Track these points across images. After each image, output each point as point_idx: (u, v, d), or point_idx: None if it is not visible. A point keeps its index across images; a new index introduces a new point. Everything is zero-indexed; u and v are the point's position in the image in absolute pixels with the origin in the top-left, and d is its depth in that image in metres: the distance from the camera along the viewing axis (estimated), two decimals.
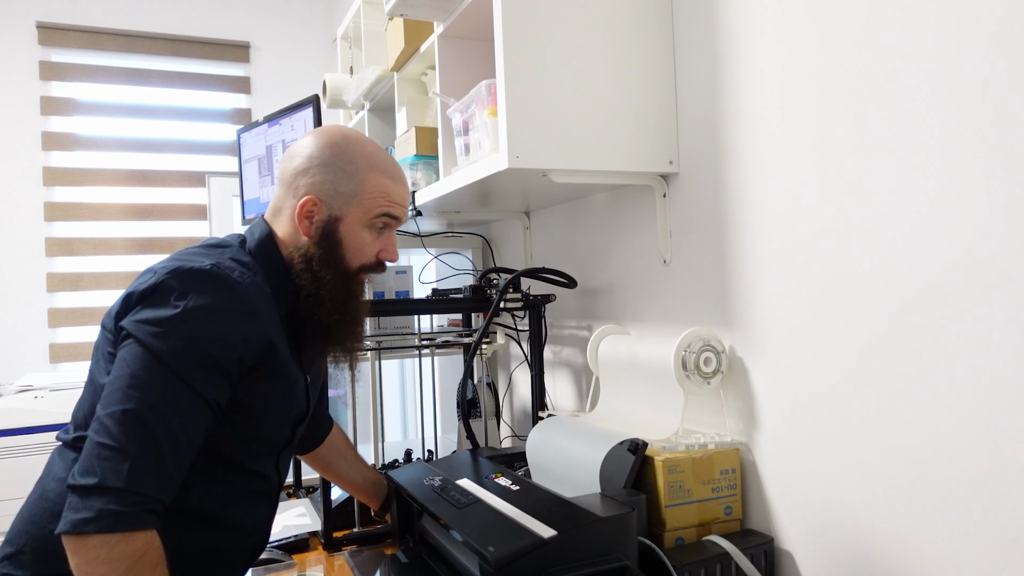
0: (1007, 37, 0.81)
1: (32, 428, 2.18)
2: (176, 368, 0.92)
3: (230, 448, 1.04)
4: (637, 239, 1.49)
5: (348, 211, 1.09)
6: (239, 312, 0.98)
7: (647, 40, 1.32)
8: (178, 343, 0.93)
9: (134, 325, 0.94)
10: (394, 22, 1.81)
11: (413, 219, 1.77)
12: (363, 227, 1.11)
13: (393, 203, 1.12)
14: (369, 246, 1.12)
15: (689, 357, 1.19)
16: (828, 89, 1.04)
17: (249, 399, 1.02)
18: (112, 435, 0.88)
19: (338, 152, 1.10)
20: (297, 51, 3.92)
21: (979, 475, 0.86)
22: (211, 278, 0.97)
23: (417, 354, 1.77)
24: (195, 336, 0.94)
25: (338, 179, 1.09)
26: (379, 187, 1.10)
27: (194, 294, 0.96)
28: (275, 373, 1.05)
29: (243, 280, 1.01)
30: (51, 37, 3.48)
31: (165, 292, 0.96)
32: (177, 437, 0.92)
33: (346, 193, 1.09)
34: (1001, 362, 0.83)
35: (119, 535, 0.86)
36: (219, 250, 1.06)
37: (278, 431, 1.11)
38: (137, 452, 0.88)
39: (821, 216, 1.06)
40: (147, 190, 3.61)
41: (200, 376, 0.94)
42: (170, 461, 0.91)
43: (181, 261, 0.99)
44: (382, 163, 1.12)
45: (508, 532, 0.93)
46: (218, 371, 0.96)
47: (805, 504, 1.10)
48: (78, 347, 3.46)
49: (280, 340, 1.05)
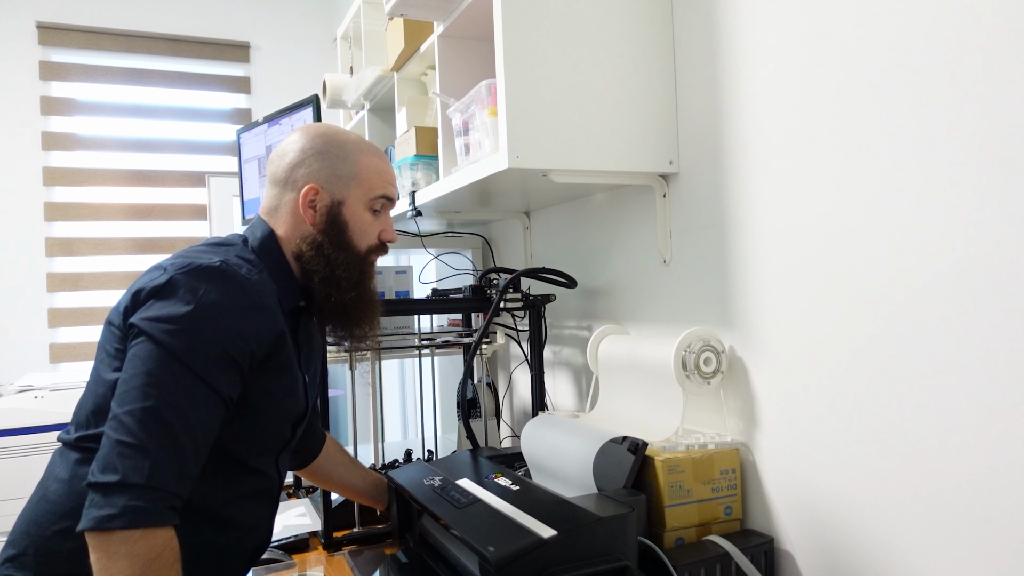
0: (1006, 37, 0.81)
1: (32, 428, 2.18)
2: (193, 365, 0.93)
3: (235, 445, 1.05)
4: (637, 239, 1.49)
5: (349, 193, 1.13)
6: (250, 306, 1.00)
7: (647, 40, 1.32)
8: (193, 340, 0.94)
9: (146, 323, 0.95)
10: (394, 22, 1.81)
11: (413, 219, 1.77)
12: (364, 208, 1.14)
13: (388, 183, 1.16)
14: (371, 226, 1.15)
15: (689, 357, 1.19)
16: (828, 89, 1.04)
17: (255, 395, 1.03)
18: (132, 432, 0.89)
19: (328, 140, 1.14)
20: (297, 51, 3.92)
21: (979, 474, 0.86)
22: (222, 274, 0.99)
23: (417, 354, 1.77)
24: (210, 333, 0.95)
25: (334, 164, 1.12)
26: (373, 167, 1.14)
27: (206, 290, 0.97)
28: (281, 369, 1.06)
29: (251, 276, 1.02)
30: (51, 37, 3.48)
31: (177, 288, 0.97)
32: (195, 433, 0.93)
33: (344, 176, 1.12)
34: (1001, 362, 0.83)
35: (141, 531, 0.86)
36: (224, 248, 1.08)
37: (280, 428, 1.11)
38: (157, 448, 0.89)
39: (821, 216, 1.06)
40: (147, 190, 3.61)
41: (216, 372, 0.95)
42: (189, 457, 0.92)
43: (191, 258, 1.00)
44: (369, 147, 1.17)
45: (508, 532, 0.93)
46: (232, 367, 0.97)
47: (805, 504, 1.10)
48: (78, 347, 3.46)
49: (286, 335, 1.06)
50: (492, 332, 1.90)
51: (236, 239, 1.13)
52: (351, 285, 1.12)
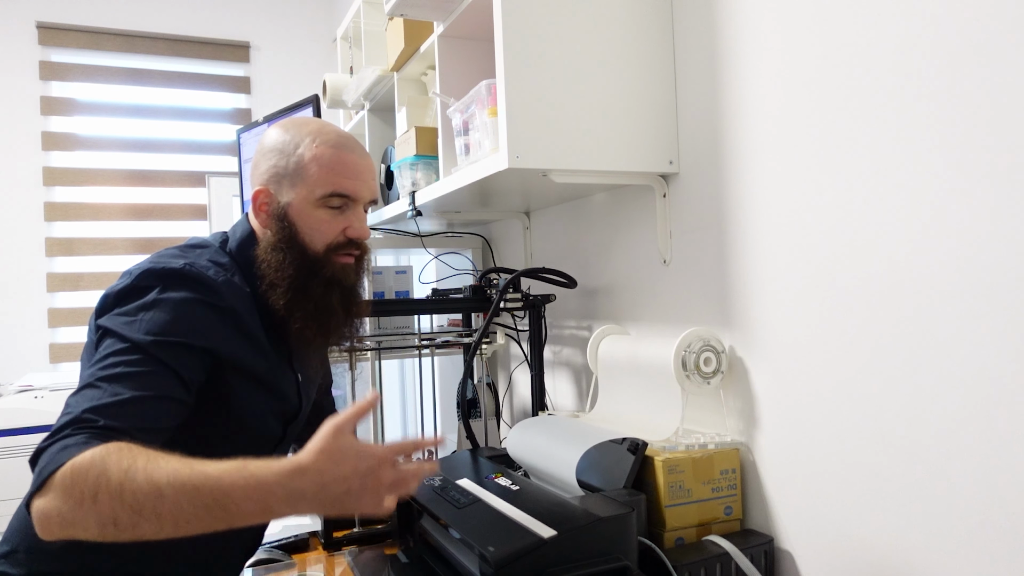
0: (1007, 37, 0.81)
1: (32, 428, 2.18)
2: (148, 347, 0.91)
3: (218, 445, 1.03)
4: (637, 239, 1.49)
5: (293, 194, 1.05)
6: (211, 306, 0.98)
7: (647, 40, 1.32)
8: (151, 327, 0.93)
9: (108, 319, 0.95)
10: (394, 22, 1.81)
11: (413, 219, 1.77)
12: (314, 207, 1.05)
13: (342, 177, 1.05)
14: (329, 224, 1.06)
15: (689, 357, 1.19)
16: (828, 89, 1.04)
17: (232, 396, 1.02)
18: (70, 404, 0.87)
19: (283, 134, 1.07)
20: (297, 51, 3.91)
21: (979, 475, 0.86)
22: (184, 276, 0.98)
23: (417, 354, 1.76)
24: (168, 323, 0.94)
25: (279, 163, 1.06)
26: (324, 161, 1.04)
27: (168, 290, 0.96)
28: (254, 371, 1.04)
29: (218, 279, 1.00)
30: (51, 37, 3.47)
31: (139, 291, 0.96)
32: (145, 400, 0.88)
33: (290, 175, 1.05)
34: (1002, 362, 0.83)
35: (59, 471, 0.80)
36: (197, 251, 1.06)
37: (263, 427, 1.10)
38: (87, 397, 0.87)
39: (821, 216, 1.06)
40: (147, 190, 3.61)
41: (172, 353, 0.93)
42: (138, 402, 0.88)
43: (154, 262, 0.99)
44: (328, 137, 1.06)
45: (508, 532, 0.93)
46: (189, 352, 0.95)
47: (805, 504, 1.10)
48: (78, 347, 3.46)
49: (257, 339, 1.05)
50: (492, 332, 1.90)
51: (215, 240, 1.11)
52: (291, 287, 1.04)
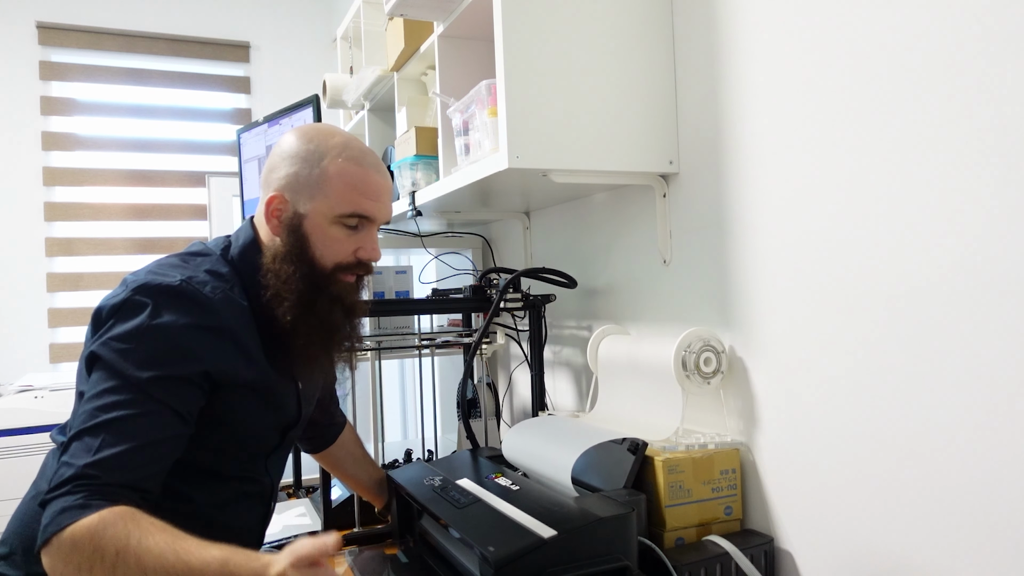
0: (1007, 37, 0.81)
1: (32, 428, 2.18)
2: (141, 384, 0.91)
3: (215, 457, 1.04)
4: (637, 239, 1.49)
5: (311, 206, 1.03)
6: (205, 327, 0.97)
7: (647, 40, 1.32)
8: (142, 359, 0.92)
9: (101, 345, 0.93)
10: (394, 22, 1.81)
11: (413, 219, 1.76)
12: (330, 223, 1.03)
13: (364, 197, 1.04)
14: (342, 243, 1.05)
15: (689, 357, 1.19)
16: (828, 89, 1.04)
17: (222, 411, 1.01)
18: (73, 453, 0.87)
19: (307, 143, 1.04)
20: (297, 51, 3.91)
21: (979, 475, 0.86)
22: (179, 294, 0.96)
23: (417, 354, 1.76)
24: (160, 352, 0.93)
25: (301, 172, 1.03)
26: (348, 179, 1.03)
27: (161, 310, 0.94)
28: (251, 386, 1.03)
29: (214, 296, 0.99)
30: (51, 37, 3.47)
31: (134, 308, 0.95)
32: (144, 449, 0.90)
33: (311, 186, 1.03)
34: (1001, 361, 0.83)
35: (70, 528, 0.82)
36: (197, 260, 1.05)
37: (260, 439, 1.10)
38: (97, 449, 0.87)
39: (821, 216, 1.06)
40: (147, 190, 3.61)
41: (166, 389, 0.93)
42: (137, 458, 0.89)
43: (151, 276, 0.98)
44: (354, 154, 1.04)
45: (508, 532, 0.93)
46: (184, 384, 0.95)
47: (805, 504, 1.10)
48: (78, 347, 3.46)
49: (254, 355, 1.03)
50: (492, 332, 1.90)
51: (216, 247, 1.09)
52: (294, 305, 1.02)
